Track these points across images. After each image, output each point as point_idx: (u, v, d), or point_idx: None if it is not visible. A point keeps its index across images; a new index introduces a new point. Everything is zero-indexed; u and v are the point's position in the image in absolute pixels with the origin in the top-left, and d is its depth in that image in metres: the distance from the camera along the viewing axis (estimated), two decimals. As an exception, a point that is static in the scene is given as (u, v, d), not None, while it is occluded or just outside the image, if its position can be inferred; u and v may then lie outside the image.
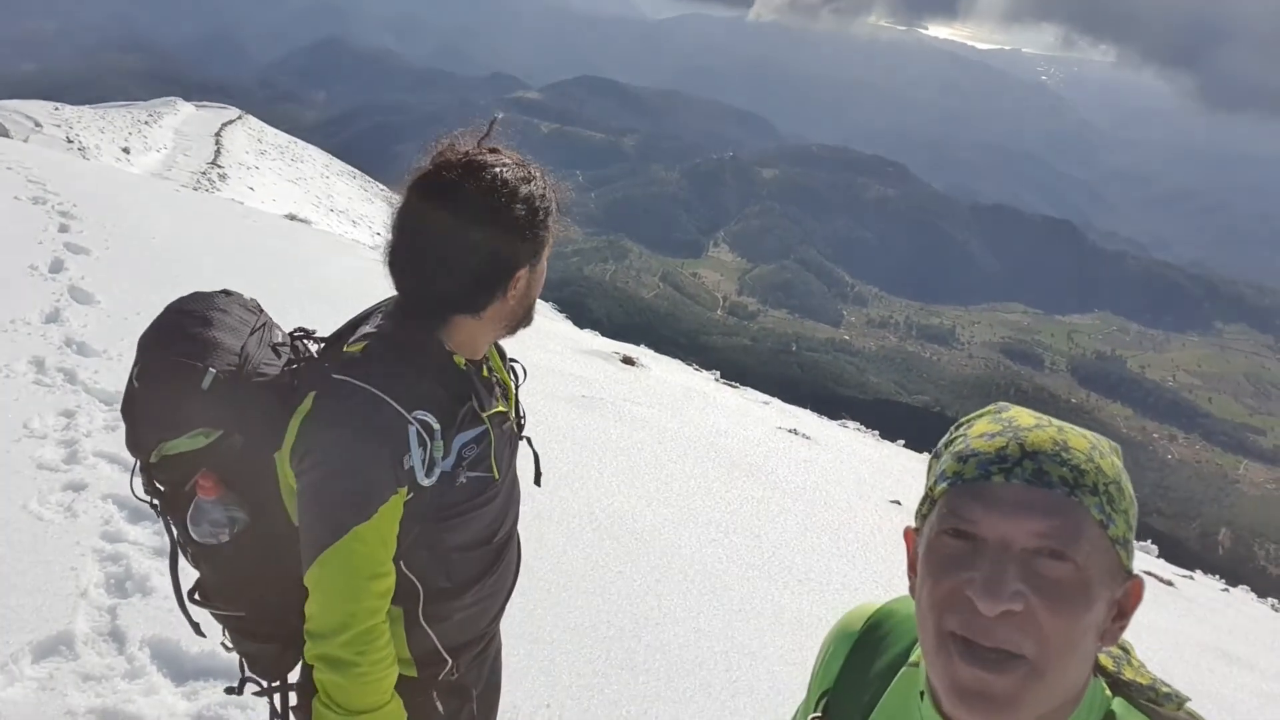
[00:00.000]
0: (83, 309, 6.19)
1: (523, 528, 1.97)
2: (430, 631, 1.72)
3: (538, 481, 1.93)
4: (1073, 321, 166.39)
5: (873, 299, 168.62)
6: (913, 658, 1.12)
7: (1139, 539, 11.16)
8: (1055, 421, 0.97)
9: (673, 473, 6.30)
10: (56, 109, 40.63)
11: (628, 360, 10.24)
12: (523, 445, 1.90)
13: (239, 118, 55.89)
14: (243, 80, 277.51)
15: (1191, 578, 9.97)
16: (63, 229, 7.81)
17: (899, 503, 8.30)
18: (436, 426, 1.54)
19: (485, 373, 1.76)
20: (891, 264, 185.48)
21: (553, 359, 8.70)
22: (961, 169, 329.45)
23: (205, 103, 62.50)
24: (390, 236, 1.64)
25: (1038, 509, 0.89)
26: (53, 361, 5.27)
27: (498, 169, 1.60)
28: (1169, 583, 8.51)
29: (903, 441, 18.35)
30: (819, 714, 1.19)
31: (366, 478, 1.49)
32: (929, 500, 0.98)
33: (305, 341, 1.78)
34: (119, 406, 1.61)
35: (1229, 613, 8.19)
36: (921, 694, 1.04)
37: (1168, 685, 1.01)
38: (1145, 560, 9.74)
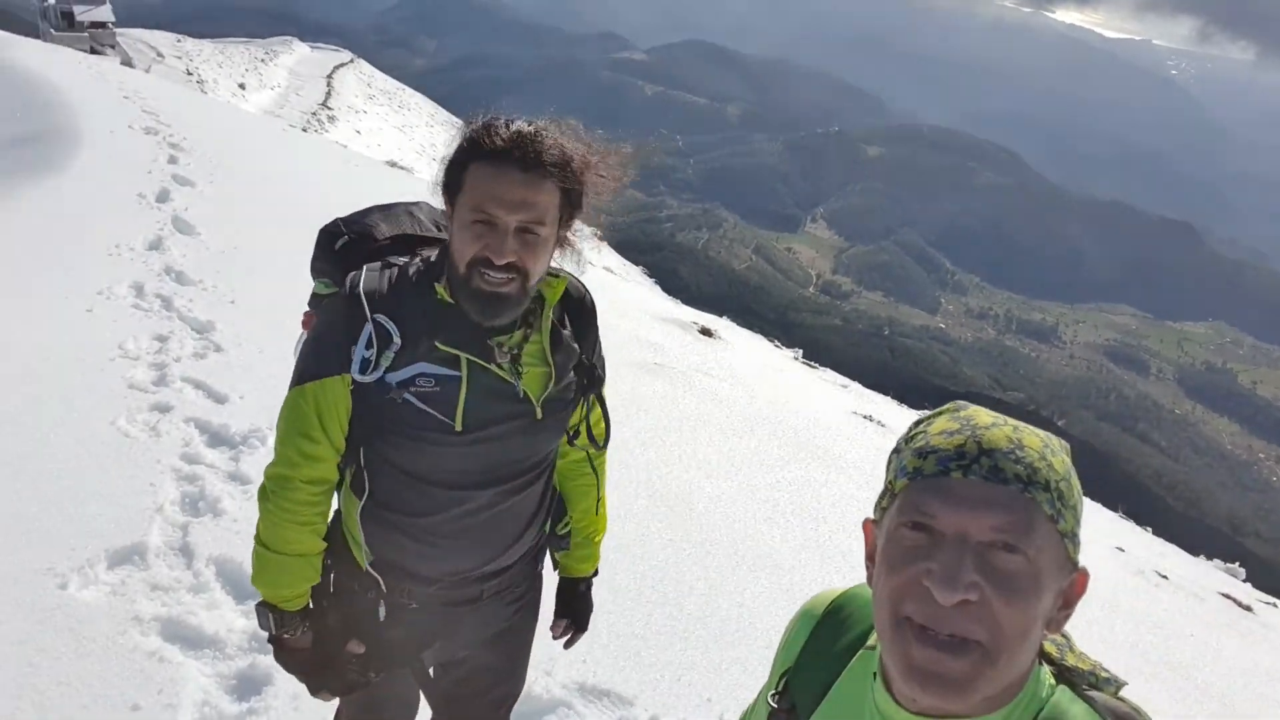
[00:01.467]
0: (183, 239, 6.47)
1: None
2: (364, 531, 1.86)
3: (599, 445, 2.00)
4: (1184, 329, 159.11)
5: (973, 288, 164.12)
6: (870, 641, 1.18)
7: (1228, 560, 10.79)
8: (1011, 421, 1.02)
9: (736, 448, 6.30)
10: (178, 41, 42.19)
11: (706, 331, 10.23)
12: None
13: (351, 61, 57.14)
14: (356, 24, 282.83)
15: (1276, 605, 9.57)
16: (172, 160, 8.15)
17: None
18: (396, 339, 1.68)
19: (503, 338, 1.75)
20: (996, 254, 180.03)
21: (629, 324, 8.75)
22: (1077, 161, 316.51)
23: (320, 44, 64.00)
24: None
25: (994, 504, 0.93)
26: (151, 287, 5.53)
27: (491, 117, 1.67)
28: (1248, 608, 8.18)
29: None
30: (778, 691, 1.25)
31: (321, 350, 1.74)
32: (889, 494, 1.03)
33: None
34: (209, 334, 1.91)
35: (1310, 646, 7.84)
36: (875, 675, 1.09)
37: (1106, 670, 1.06)
38: (1229, 583, 9.36)
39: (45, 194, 6.50)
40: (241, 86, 44.25)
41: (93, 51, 37.76)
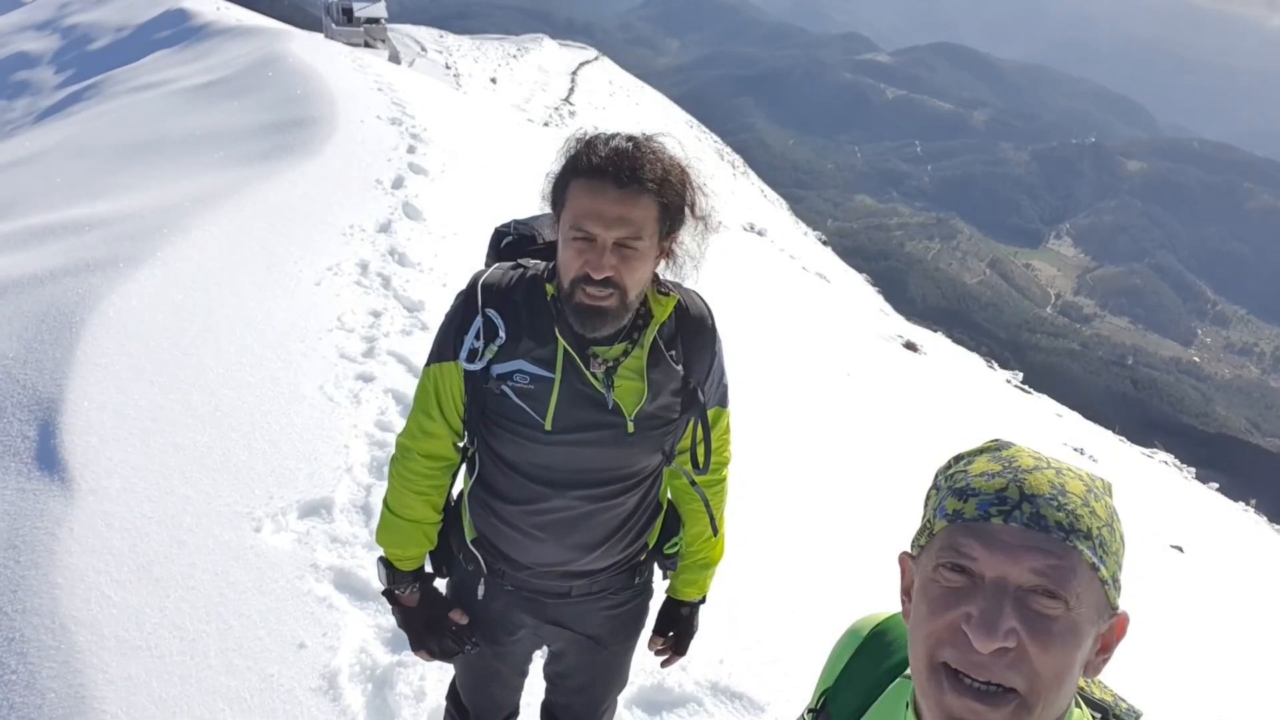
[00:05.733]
0: (410, 223, 6.99)
1: (745, 494, 2.02)
2: (471, 510, 2.00)
3: (700, 469, 1.96)
4: None
5: (1236, 320, 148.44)
6: (908, 670, 1.15)
7: None
8: (1054, 463, 1.01)
9: (906, 463, 6.08)
10: (440, 36, 45.18)
11: (910, 345, 9.90)
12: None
13: (595, 59, 59.20)
14: (605, 21, 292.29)
15: None
16: (410, 150, 8.82)
17: (1180, 549, 7.49)
18: (501, 333, 1.78)
19: (602, 349, 1.79)
20: (1267, 284, 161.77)
21: (828, 333, 8.62)
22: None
23: (568, 41, 66.75)
24: None
25: (1034, 551, 0.93)
26: (375, 266, 6.03)
27: (593, 135, 1.73)
28: None
29: (1254, 502, 16.22)
30: (815, 709, 1.26)
31: (443, 336, 1.88)
32: (928, 532, 1.03)
33: None
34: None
35: None
36: (907, 705, 1.09)
37: (1125, 701, 1.09)
38: None
39: (299, 176, 7.22)
40: (493, 80, 46.90)
41: (365, 45, 41.33)
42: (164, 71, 15.16)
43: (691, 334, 1.89)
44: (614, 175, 1.64)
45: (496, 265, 1.90)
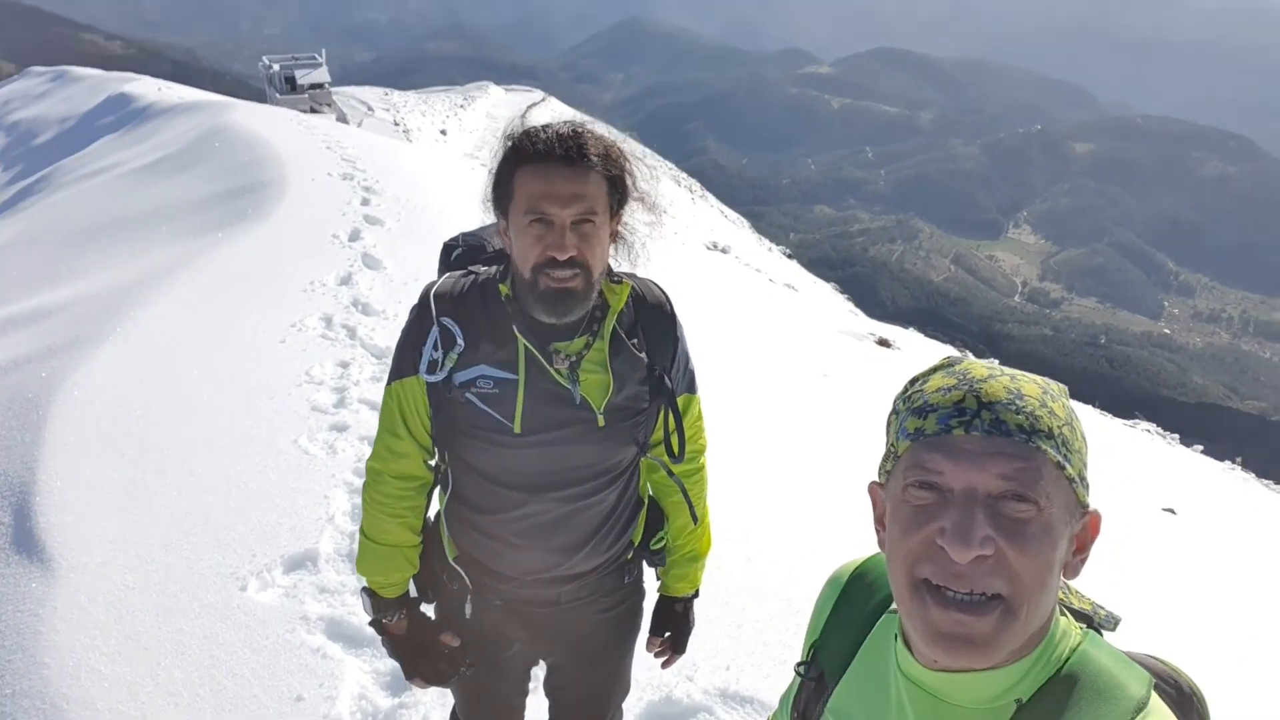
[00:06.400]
0: (371, 273, 6.99)
1: (740, 496, 2.02)
2: (450, 527, 1.97)
3: (675, 457, 1.94)
4: None
5: (1201, 289, 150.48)
6: (893, 605, 1.16)
7: None
8: (1007, 370, 1.02)
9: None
10: (386, 94, 45.35)
11: (883, 342, 9.97)
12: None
13: (543, 100, 59.68)
14: (548, 63, 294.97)
15: None
16: (364, 202, 8.84)
17: (1172, 511, 7.53)
18: (459, 340, 1.76)
19: (563, 344, 1.78)
20: (1227, 250, 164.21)
21: (801, 337, 8.66)
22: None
23: (513, 86, 67.28)
24: None
25: (999, 456, 0.93)
26: (339, 319, 6.01)
27: (529, 126, 1.76)
28: None
29: (1239, 460, 16.34)
30: (806, 662, 1.25)
31: (402, 352, 1.86)
32: (892, 456, 1.03)
33: None
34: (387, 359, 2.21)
35: None
36: (896, 636, 1.08)
37: (1104, 609, 1.09)
38: None
39: (254, 239, 7.21)
40: (443, 132, 47.06)
41: (312, 110, 41.40)
42: (111, 156, 15.12)
43: (651, 321, 1.89)
44: (562, 155, 1.66)
45: (447, 275, 1.89)
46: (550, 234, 1.66)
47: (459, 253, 2.08)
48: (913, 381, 1.07)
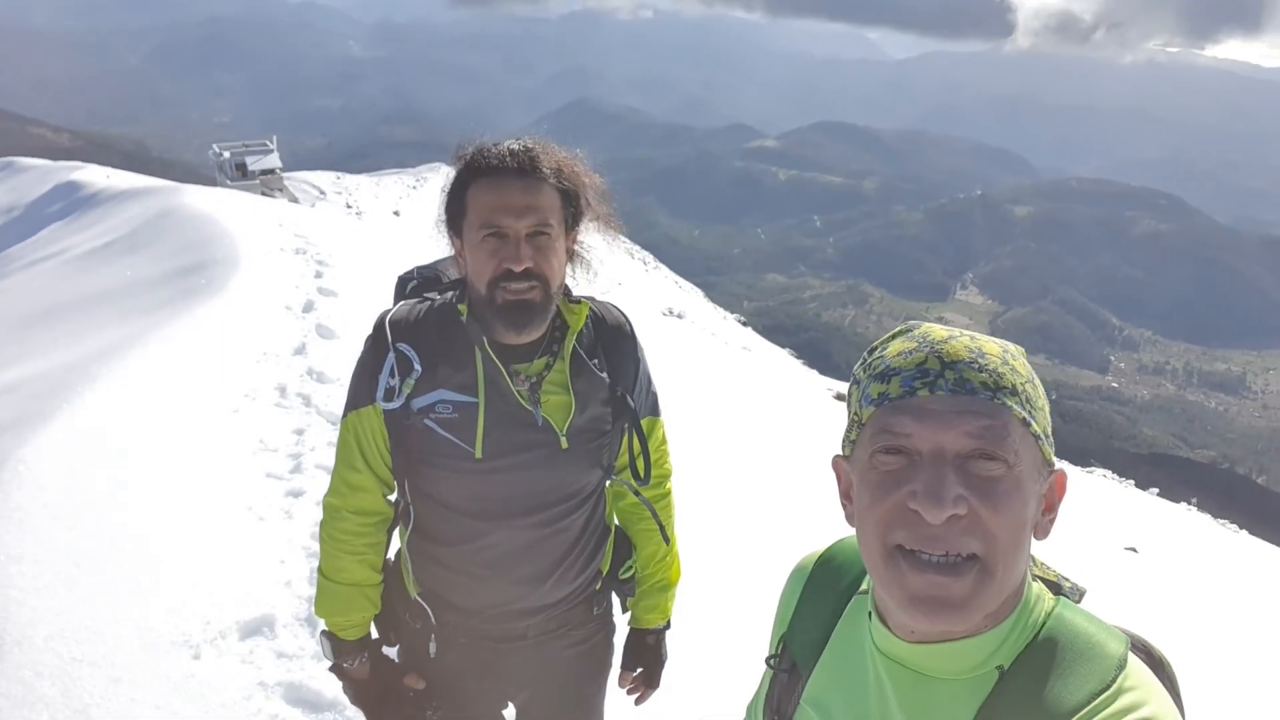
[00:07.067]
0: (325, 343, 6.93)
1: (691, 527, 2.00)
2: (412, 562, 1.90)
3: (641, 479, 1.92)
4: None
5: (1145, 343, 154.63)
6: (863, 586, 1.14)
7: None
8: (966, 331, 1.01)
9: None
10: (338, 178, 45.54)
11: (840, 397, 10.06)
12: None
13: (495, 177, 60.27)
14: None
15: None
16: (318, 274, 8.81)
17: (1134, 550, 7.62)
18: (417, 366, 1.72)
19: (523, 366, 1.78)
20: (1166, 304, 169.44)
21: (756, 389, 8.72)
22: (1249, 199, 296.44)
23: (466, 166, 67.99)
24: None
25: (965, 415, 0.92)
26: (293, 388, 5.93)
27: (491, 142, 1.74)
28: None
29: (1194, 501, 16.62)
30: (776, 654, 1.23)
31: (357, 382, 1.83)
32: (857, 425, 1.02)
33: None
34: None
35: None
36: (870, 614, 1.06)
37: (1069, 580, 1.08)
38: None
39: (206, 312, 7.12)
40: (396, 214, 47.25)
41: (263, 196, 41.43)
42: (60, 242, 14.93)
43: (612, 341, 1.88)
44: (515, 169, 1.66)
45: (402, 302, 1.88)
46: (505, 247, 1.65)
47: (414, 285, 2.06)
48: (871, 350, 1.06)
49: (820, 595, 1.20)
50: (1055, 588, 1.05)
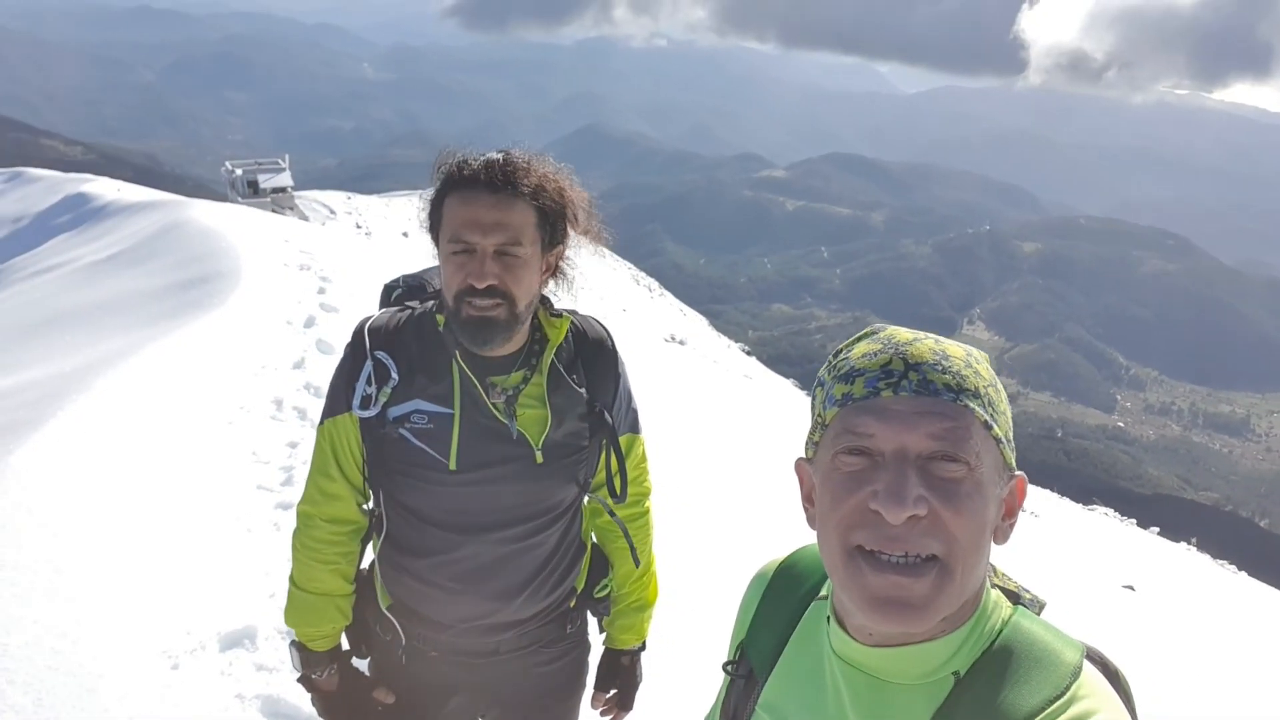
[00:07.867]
0: (324, 358, 6.92)
1: (674, 548, 1.98)
2: (383, 574, 1.87)
3: (617, 497, 1.91)
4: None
5: (1151, 383, 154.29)
6: (822, 592, 1.14)
7: None
8: (930, 335, 1.02)
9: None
10: (349, 198, 45.78)
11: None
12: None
13: (504, 200, 60.60)
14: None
15: None
16: (320, 290, 8.83)
17: (1132, 588, 7.55)
18: (394, 375, 1.71)
19: (499, 378, 1.77)
20: (1172, 344, 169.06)
21: (756, 414, 8.69)
22: (1255, 241, 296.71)
23: (476, 189, 68.39)
24: None
25: (928, 416, 0.93)
26: (289, 401, 5.92)
27: (474, 153, 1.73)
28: None
29: (1194, 541, 16.55)
30: (734, 661, 1.21)
31: (335, 389, 1.82)
32: (820, 426, 1.02)
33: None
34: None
35: None
36: (828, 619, 1.07)
37: (1030, 592, 1.07)
38: None
39: (206, 324, 7.14)
40: (405, 235, 47.46)
41: (274, 213, 41.70)
42: (66, 253, 15.02)
43: (592, 356, 1.87)
44: (487, 183, 1.65)
45: (382, 310, 1.87)
46: (471, 262, 1.64)
47: (399, 294, 2.05)
48: (836, 353, 1.06)
49: (780, 601, 1.19)
50: (1014, 597, 1.05)
